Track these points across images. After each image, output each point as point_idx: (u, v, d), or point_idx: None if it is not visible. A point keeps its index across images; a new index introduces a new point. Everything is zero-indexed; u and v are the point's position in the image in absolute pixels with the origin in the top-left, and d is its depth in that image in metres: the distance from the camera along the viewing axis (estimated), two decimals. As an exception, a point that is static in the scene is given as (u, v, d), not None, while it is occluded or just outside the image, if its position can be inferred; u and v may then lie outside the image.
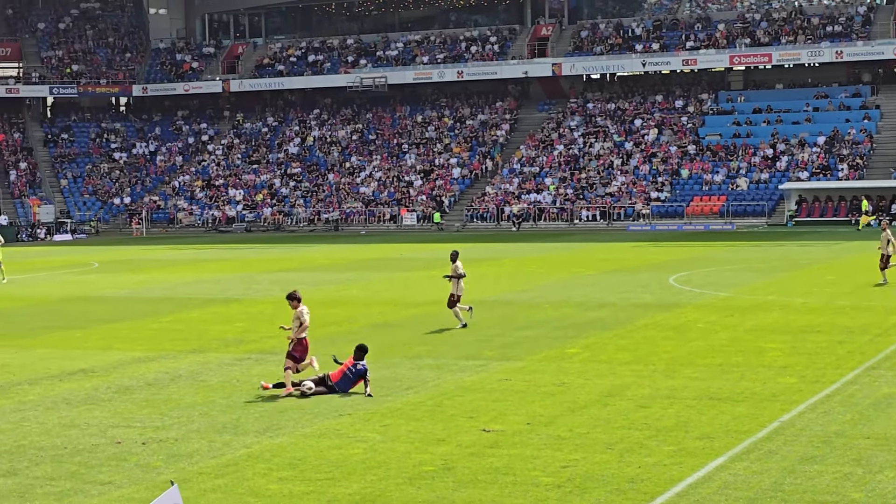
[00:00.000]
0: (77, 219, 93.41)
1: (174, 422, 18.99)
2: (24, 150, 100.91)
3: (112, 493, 14.81)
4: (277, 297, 38.57)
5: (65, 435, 18.24)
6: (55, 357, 26.65)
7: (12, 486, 15.37)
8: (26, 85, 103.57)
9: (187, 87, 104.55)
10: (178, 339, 29.19)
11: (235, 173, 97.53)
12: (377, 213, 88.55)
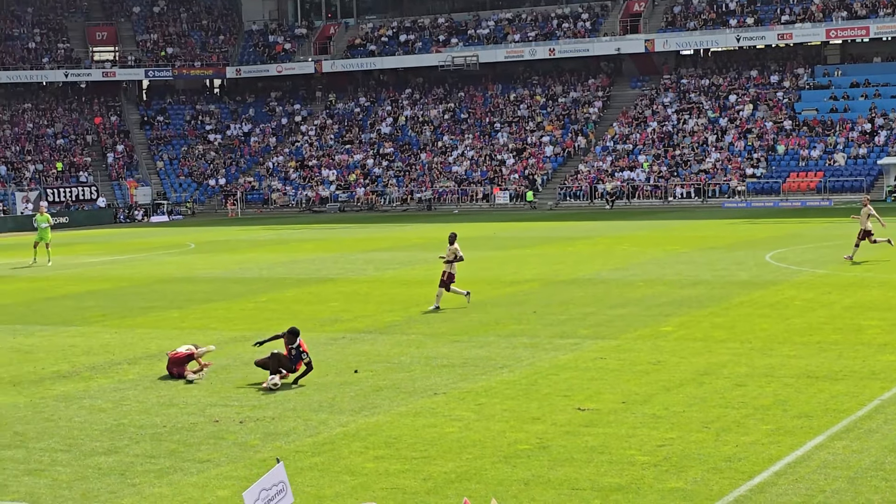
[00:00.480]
0: (173, 200, 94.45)
1: (271, 401, 19.17)
2: (120, 132, 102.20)
3: (210, 471, 14.99)
4: (371, 276, 38.80)
5: (164, 413, 18.49)
6: (154, 337, 27.00)
7: (113, 463, 15.62)
8: (122, 68, 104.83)
9: (280, 69, 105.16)
10: (274, 318, 29.41)
11: (328, 154, 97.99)
12: (470, 192, 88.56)
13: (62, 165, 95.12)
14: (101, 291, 37.73)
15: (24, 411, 19.15)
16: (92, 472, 15.19)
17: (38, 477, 15.12)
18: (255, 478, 14.46)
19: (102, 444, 16.70)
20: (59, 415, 18.76)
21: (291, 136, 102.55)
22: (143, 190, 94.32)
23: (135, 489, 14.34)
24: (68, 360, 24.21)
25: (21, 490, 14.55)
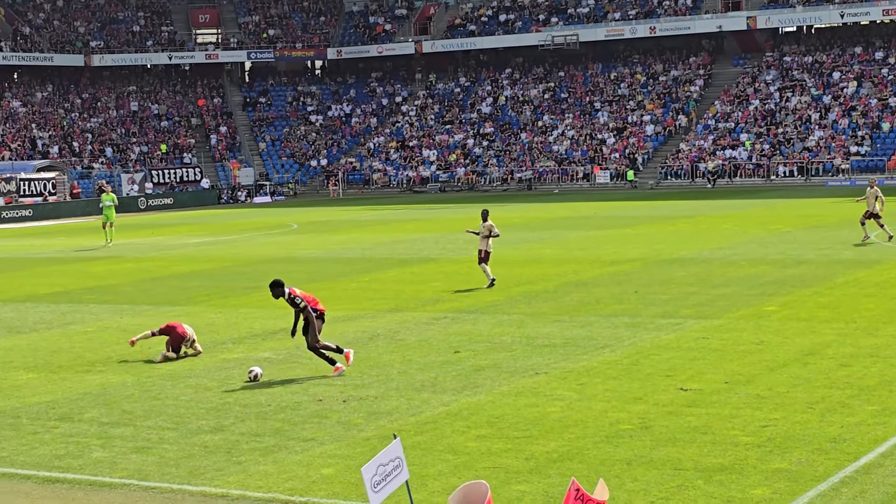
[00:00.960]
0: (275, 181, 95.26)
1: (373, 380, 19.32)
2: (223, 114, 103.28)
3: (315, 450, 15.15)
4: (472, 256, 38.82)
5: (268, 392, 18.71)
6: (258, 317, 27.31)
7: (219, 441, 15.85)
8: (225, 50, 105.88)
9: (380, 49, 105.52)
10: (376, 298, 29.61)
11: (429, 134, 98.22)
12: (570, 171, 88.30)
13: (166, 147, 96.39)
14: (205, 272, 38.22)
15: (131, 390, 19.49)
16: (198, 450, 15.43)
17: (146, 454, 15.39)
18: (358, 456, 14.62)
19: (208, 422, 16.95)
20: (165, 393, 19.07)
21: (392, 117, 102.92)
22: (245, 171, 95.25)
23: (240, 467, 14.55)
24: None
25: (130, 467, 14.82)
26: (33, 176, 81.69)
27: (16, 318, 28.87)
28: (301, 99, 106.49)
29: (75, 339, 25.22)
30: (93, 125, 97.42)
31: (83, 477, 14.52)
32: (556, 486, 13.05)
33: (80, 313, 29.22)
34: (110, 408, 18.21)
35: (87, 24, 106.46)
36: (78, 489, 14.09)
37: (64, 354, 23.32)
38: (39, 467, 15.03)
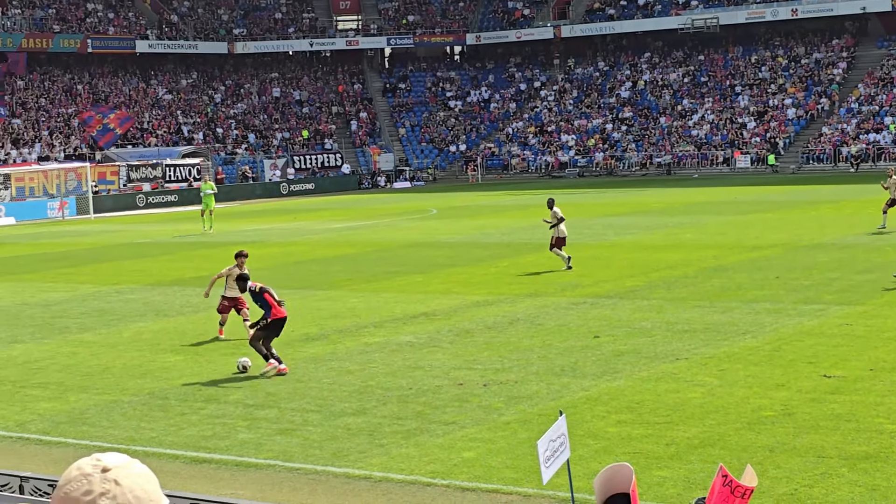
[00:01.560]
0: (415, 166, 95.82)
1: (513, 364, 19.42)
2: (364, 100, 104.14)
3: (456, 433, 15.30)
4: (611, 241, 38.79)
5: (409, 376, 18.91)
6: (399, 301, 27.57)
7: (362, 424, 16.08)
8: (365, 37, 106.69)
9: (519, 35, 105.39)
10: (515, 283, 29.71)
11: (567, 119, 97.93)
12: (710, 156, 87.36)
13: (308, 133, 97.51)
14: (346, 256, 38.66)
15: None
16: (342, 433, 15.67)
17: (291, 436, 15.68)
18: (499, 440, 14.75)
19: (351, 405, 17.20)
20: (308, 376, 19.38)
21: (531, 102, 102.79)
22: (385, 156, 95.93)
23: (383, 449, 14.75)
24: (316, 323, 24.95)
25: (275, 449, 15.12)
26: (178, 162, 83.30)
27: (163, 301, 29.53)
28: (440, 84, 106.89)
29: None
30: (236, 111, 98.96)
31: (229, 457, 14.85)
32: (697, 472, 13.02)
33: (225, 297, 29.75)
34: (255, 390, 18.57)
35: (230, 13, 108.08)
36: (224, 469, 14.42)
37: (210, 337, 23.82)
38: (187, 447, 15.40)
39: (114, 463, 2.76)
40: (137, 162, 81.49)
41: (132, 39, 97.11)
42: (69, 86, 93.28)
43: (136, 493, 2.74)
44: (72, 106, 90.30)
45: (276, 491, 13.45)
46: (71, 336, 24.78)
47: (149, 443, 15.64)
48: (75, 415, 17.54)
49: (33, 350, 23.05)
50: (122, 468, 2.75)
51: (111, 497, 2.71)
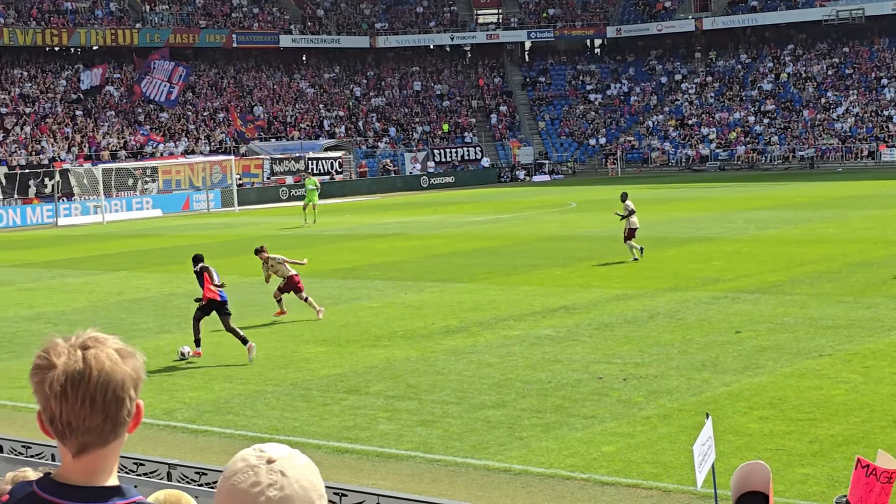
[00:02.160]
0: (554, 160, 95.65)
1: (653, 359, 19.32)
2: (503, 94, 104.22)
3: (595, 427, 15.29)
4: (753, 235, 38.35)
5: (549, 370, 18.93)
6: (538, 294, 27.57)
7: (501, 416, 16.15)
8: (506, 30, 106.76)
9: (660, 27, 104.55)
10: (655, 277, 29.53)
11: (708, 112, 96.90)
12: (854, 149, 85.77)
13: (448, 126, 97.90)
14: (486, 249, 38.77)
15: (416, 364, 20.00)
16: (481, 425, 15.76)
17: (431, 428, 15.80)
18: (639, 435, 14.71)
19: (490, 397, 17.28)
20: (448, 368, 19.50)
21: (671, 95, 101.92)
22: (525, 150, 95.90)
23: (522, 442, 14.80)
24: (457, 315, 25.07)
25: (415, 440, 15.25)
26: (321, 155, 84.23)
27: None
28: (580, 78, 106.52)
29: (361, 313, 26.00)
30: (377, 105, 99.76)
31: (370, 448, 15.02)
32: (840, 470, 12.84)
33: (366, 289, 30.09)
34: (396, 381, 18.74)
35: (372, 7, 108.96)
36: (366, 460, 14.58)
37: (351, 329, 24.08)
38: (329, 438, 15.61)
39: (279, 454, 2.82)
40: (280, 155, 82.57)
41: (276, 34, 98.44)
42: (214, 80, 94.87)
43: (301, 484, 2.80)
44: (217, 100, 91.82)
45: (417, 482, 13.57)
46: (215, 326, 25.23)
47: (291, 432, 15.87)
48: (220, 404, 17.89)
49: (180, 339, 23.51)
50: (287, 459, 2.82)
51: (278, 488, 2.77)
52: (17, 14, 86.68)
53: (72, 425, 2.89)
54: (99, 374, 2.88)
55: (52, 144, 77.11)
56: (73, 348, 2.91)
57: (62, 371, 2.87)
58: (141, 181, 73.29)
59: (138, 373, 2.96)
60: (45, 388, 2.89)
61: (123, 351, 2.95)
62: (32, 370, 2.93)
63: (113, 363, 2.90)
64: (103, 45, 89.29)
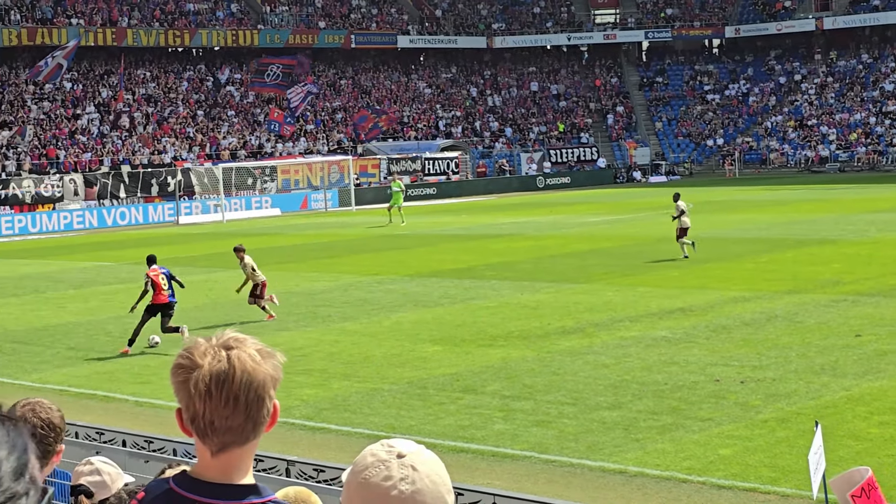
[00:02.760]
0: (671, 160, 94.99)
1: (771, 362, 19.13)
2: (620, 94, 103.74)
3: (712, 430, 15.18)
4: (874, 237, 37.76)
5: (665, 371, 18.83)
6: (654, 295, 27.43)
7: (617, 417, 16.11)
8: (623, 30, 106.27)
9: (780, 27, 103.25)
10: (774, 279, 29.21)
11: (828, 112, 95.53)
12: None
13: (564, 127, 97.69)
14: (602, 250, 38.65)
15: (532, 364, 20.02)
16: (597, 426, 15.73)
17: (546, 428, 15.81)
18: (757, 438, 14.59)
19: (606, 398, 17.24)
20: (564, 369, 19.49)
21: (790, 96, 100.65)
22: (641, 150, 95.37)
23: (638, 444, 14.75)
24: (572, 316, 25.04)
25: (530, 440, 15.27)
26: (437, 155, 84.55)
27: (422, 292, 30.07)
28: (698, 78, 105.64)
29: (478, 313, 26.08)
30: (494, 105, 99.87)
31: (486, 448, 15.07)
32: (963, 478, 12.63)
33: (482, 289, 30.16)
34: (511, 381, 18.77)
35: (489, 7, 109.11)
36: (481, 459, 14.64)
37: (467, 328, 24.16)
38: (445, 437, 15.68)
39: (408, 449, 2.87)
40: (397, 155, 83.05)
41: (394, 35, 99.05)
42: (333, 80, 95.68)
43: (432, 479, 2.85)
44: (335, 100, 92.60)
45: (532, 482, 13.59)
46: (333, 325, 25.50)
47: (407, 431, 15.98)
48: (338, 401, 18.07)
49: (297, 338, 23.80)
50: (416, 454, 2.87)
51: (410, 482, 2.82)
52: (140, 16, 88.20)
53: (214, 424, 2.96)
54: (242, 373, 2.95)
55: (174, 144, 78.36)
56: (217, 348, 2.97)
57: (207, 371, 2.94)
58: (260, 180, 74.18)
59: (278, 373, 3.02)
60: (188, 388, 2.95)
61: (264, 351, 3.01)
62: (175, 369, 2.99)
63: (255, 363, 2.97)
64: (224, 45, 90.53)
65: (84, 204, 67.01)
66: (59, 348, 24.42)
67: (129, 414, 18.00)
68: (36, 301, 32.27)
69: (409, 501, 2.81)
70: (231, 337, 3.01)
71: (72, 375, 21.30)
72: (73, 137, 75.47)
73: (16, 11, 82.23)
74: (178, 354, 3.01)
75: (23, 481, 2.04)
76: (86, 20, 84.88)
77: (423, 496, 2.82)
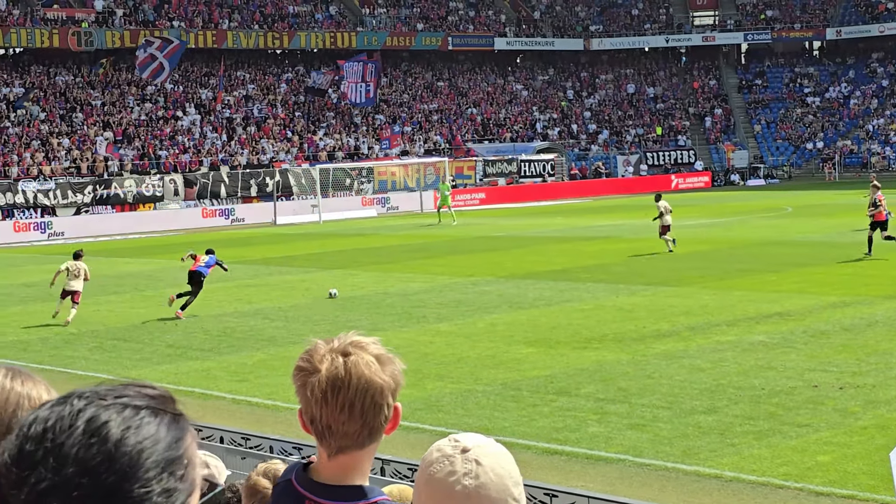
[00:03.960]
0: (770, 164, 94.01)
1: (871, 368, 18.86)
2: (718, 96, 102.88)
3: (809, 436, 15.00)
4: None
5: (762, 376, 18.64)
6: (751, 299, 27.16)
7: (713, 422, 15.97)
8: (722, 32, 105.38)
9: (882, 29, 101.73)
10: (873, 284, 28.80)
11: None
12: None
13: (661, 129, 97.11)
14: (699, 253, 38.36)
15: (626, 367, 19.92)
16: (692, 430, 15.61)
17: (641, 431, 15.72)
18: (856, 445, 14.40)
19: (702, 402, 17.10)
20: (659, 372, 19.36)
21: (893, 98, 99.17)
22: (739, 153, 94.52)
23: (734, 449, 14.61)
24: (668, 319, 24.87)
25: (625, 443, 15.20)
26: (533, 157, 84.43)
27: (517, 294, 30.04)
28: (798, 80, 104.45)
29: (573, 315, 26.00)
30: (590, 107, 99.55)
31: (580, 450, 15.02)
32: None
33: (577, 291, 30.07)
34: (606, 384, 18.69)
35: (587, 9, 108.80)
36: (575, 462, 14.60)
37: (562, 330, 24.10)
38: (538, 438, 15.66)
39: (473, 443, 2.88)
40: (493, 157, 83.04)
41: (491, 37, 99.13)
42: (430, 82, 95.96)
43: (496, 472, 2.85)
44: (432, 102, 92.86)
45: (626, 485, 13.53)
46: (428, 325, 25.56)
47: (501, 432, 15.97)
48: (432, 401, 18.10)
49: (392, 338, 23.88)
50: (481, 447, 2.87)
51: (473, 476, 2.83)
52: (240, 18, 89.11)
53: (331, 429, 2.98)
54: (359, 381, 2.95)
55: (273, 145, 79.06)
56: (335, 354, 2.98)
57: (325, 377, 2.95)
58: (357, 181, 74.56)
59: (397, 379, 3.03)
60: (306, 392, 2.98)
61: (383, 357, 3.01)
62: (295, 372, 3.02)
63: (372, 371, 2.97)
64: (322, 47, 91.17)
65: (184, 204, 67.88)
66: (158, 345, 24.74)
67: (226, 411, 18.18)
68: (135, 299, 32.72)
69: (474, 496, 2.82)
70: (351, 341, 3.01)
71: (170, 372, 21.57)
72: (173, 138, 76.46)
73: (118, 14, 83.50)
74: (299, 356, 3.04)
75: (168, 478, 1.98)
76: (187, 22, 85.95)
77: (486, 490, 2.82)
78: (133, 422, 1.99)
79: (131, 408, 2.01)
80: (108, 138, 73.63)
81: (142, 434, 1.98)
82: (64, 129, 73.24)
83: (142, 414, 2.01)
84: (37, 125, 72.75)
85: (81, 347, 24.93)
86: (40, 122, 73.23)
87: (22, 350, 24.86)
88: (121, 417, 1.99)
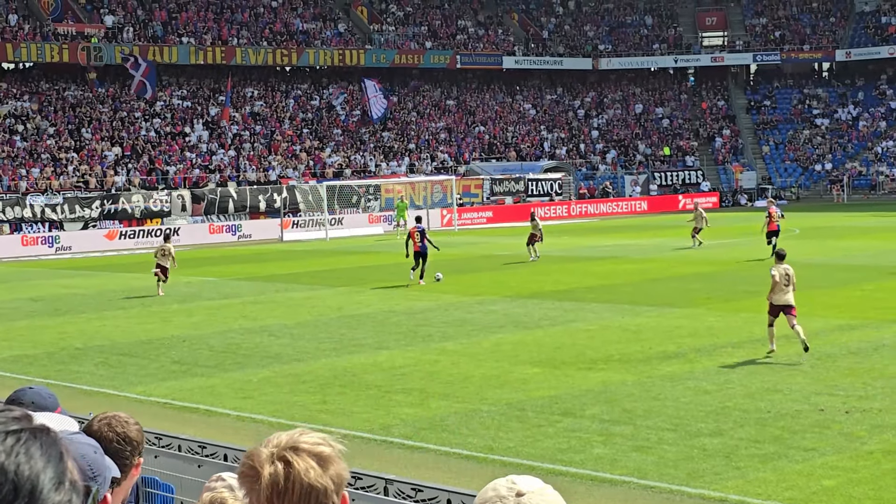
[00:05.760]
0: (778, 185, 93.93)
1: (878, 392, 18.79)
2: (726, 117, 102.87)
3: (815, 461, 14.94)
4: None
5: (768, 399, 18.57)
6: (757, 321, 26.97)
7: (718, 445, 15.91)
8: (731, 53, 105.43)
9: (892, 51, 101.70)
10: (881, 307, 28.73)
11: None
12: None
13: (669, 149, 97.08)
14: (705, 274, 38.31)
15: (632, 389, 19.86)
16: (697, 453, 15.55)
17: (646, 454, 15.66)
18: (861, 470, 14.32)
19: (707, 425, 17.03)
20: (665, 394, 19.30)
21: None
22: (747, 174, 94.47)
23: (739, 472, 14.55)
24: (673, 340, 24.82)
25: (629, 465, 15.14)
26: (540, 176, 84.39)
27: (523, 313, 30.01)
28: (806, 102, 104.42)
29: (577, 336, 25.95)
30: (598, 127, 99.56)
31: (584, 472, 14.96)
32: None
33: (583, 311, 30.02)
34: (611, 405, 18.63)
35: (596, 29, 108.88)
36: (579, 483, 14.53)
37: (567, 351, 24.05)
38: (543, 459, 15.60)
39: (528, 487, 2.86)
40: (501, 176, 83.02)
41: (500, 56, 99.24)
42: (438, 100, 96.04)
43: None
44: (440, 120, 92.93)
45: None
46: (433, 344, 25.52)
47: (505, 452, 15.93)
48: (436, 421, 18.05)
49: (397, 356, 23.85)
50: (537, 493, 2.85)
51: None
52: (249, 34, 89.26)
53: None
54: (301, 487, 2.92)
55: (280, 162, 79.11)
56: (275, 460, 2.96)
57: (266, 484, 2.93)
58: (364, 199, 74.54)
59: (341, 478, 2.98)
60: (253, 498, 2.97)
61: (324, 457, 2.97)
62: (239, 477, 3.02)
63: (312, 478, 2.94)
64: (331, 65, 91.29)
65: (191, 219, 67.93)
66: (164, 361, 24.72)
67: (231, 428, 18.13)
68: (142, 314, 32.72)
69: None
70: (290, 446, 2.98)
71: (175, 389, 21.54)
72: (181, 154, 76.54)
73: (129, 30, 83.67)
74: (242, 460, 3.03)
75: (63, 489, 2.10)
76: (196, 39, 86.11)
77: None
78: (20, 449, 2.09)
79: (10, 435, 2.11)
80: (117, 153, 73.73)
81: (34, 460, 2.09)
82: (72, 144, 73.38)
83: (23, 439, 2.11)
84: (45, 140, 72.90)
85: (87, 362, 24.92)
86: (48, 137, 73.38)
87: (28, 364, 24.86)
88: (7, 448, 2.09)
